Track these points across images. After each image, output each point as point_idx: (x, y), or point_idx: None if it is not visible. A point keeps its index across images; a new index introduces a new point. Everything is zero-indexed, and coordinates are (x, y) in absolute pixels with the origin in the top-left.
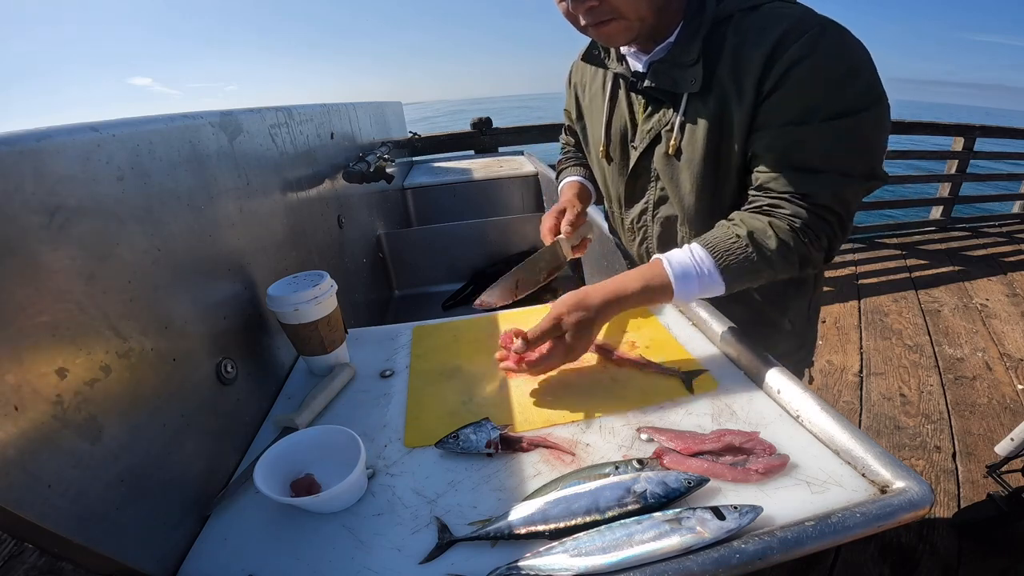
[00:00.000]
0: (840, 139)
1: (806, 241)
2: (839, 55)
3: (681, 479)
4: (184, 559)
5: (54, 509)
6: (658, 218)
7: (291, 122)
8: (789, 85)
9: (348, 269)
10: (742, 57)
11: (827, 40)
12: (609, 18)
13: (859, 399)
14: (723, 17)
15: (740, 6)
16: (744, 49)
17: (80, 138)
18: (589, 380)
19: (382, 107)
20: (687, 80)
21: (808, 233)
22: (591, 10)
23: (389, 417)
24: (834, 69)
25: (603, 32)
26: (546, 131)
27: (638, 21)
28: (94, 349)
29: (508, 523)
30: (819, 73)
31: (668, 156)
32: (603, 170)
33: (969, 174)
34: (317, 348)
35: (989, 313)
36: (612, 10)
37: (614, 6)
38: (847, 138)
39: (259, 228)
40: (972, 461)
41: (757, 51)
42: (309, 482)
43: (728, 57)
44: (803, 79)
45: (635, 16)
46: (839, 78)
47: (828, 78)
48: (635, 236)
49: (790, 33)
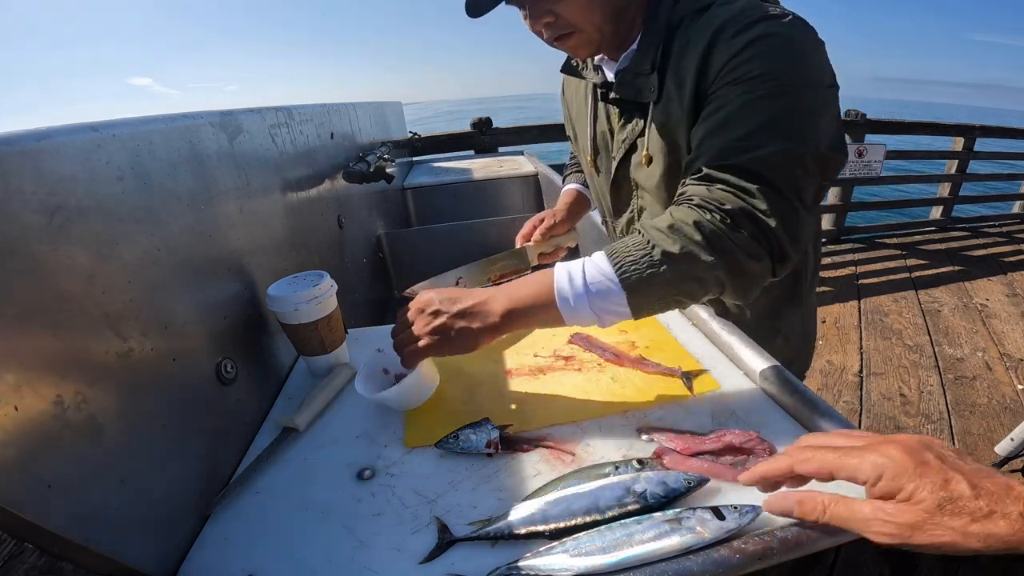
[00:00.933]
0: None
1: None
2: (776, 38)
3: (681, 479)
4: (184, 559)
5: (54, 509)
6: None
7: (291, 122)
8: (725, 74)
9: (348, 269)
10: (683, 59)
11: (764, 26)
12: (567, 32)
13: (859, 399)
14: (676, 22)
15: (690, 9)
16: (686, 50)
17: (80, 138)
18: (589, 380)
19: (382, 107)
20: (648, 88)
21: (721, 211)
22: (548, 25)
23: (389, 417)
24: (771, 52)
25: (565, 46)
26: (546, 131)
27: (596, 32)
28: (94, 349)
29: (508, 523)
30: (754, 57)
31: (641, 165)
32: (593, 179)
33: (969, 174)
34: (317, 348)
35: (989, 313)
36: (568, 24)
37: (569, 20)
38: (784, 106)
39: (259, 228)
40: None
41: (694, 50)
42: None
43: (673, 61)
44: (737, 64)
45: (591, 27)
46: (776, 59)
47: (765, 59)
48: None
49: (724, 27)
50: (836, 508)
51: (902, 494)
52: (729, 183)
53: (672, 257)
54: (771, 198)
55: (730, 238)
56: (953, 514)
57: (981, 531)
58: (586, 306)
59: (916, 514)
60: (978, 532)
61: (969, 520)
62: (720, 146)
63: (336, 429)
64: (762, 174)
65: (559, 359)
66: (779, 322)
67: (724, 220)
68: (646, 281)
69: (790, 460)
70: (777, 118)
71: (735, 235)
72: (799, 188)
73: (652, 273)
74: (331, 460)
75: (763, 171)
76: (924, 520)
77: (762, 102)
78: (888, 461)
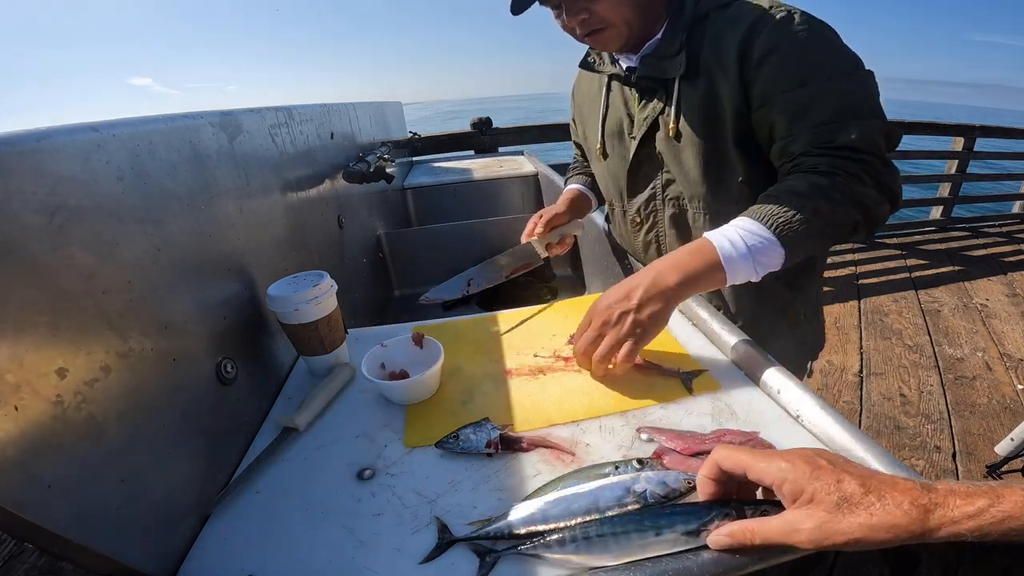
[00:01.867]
0: (843, 92)
1: (847, 179)
2: (810, 30)
3: (681, 479)
4: (184, 559)
5: (54, 509)
6: (669, 200)
7: (291, 122)
8: (774, 60)
9: (348, 269)
10: (721, 41)
11: (793, 21)
12: (600, 27)
13: (859, 399)
14: (701, 15)
15: (715, 5)
16: (722, 36)
17: (80, 138)
18: (589, 380)
19: (382, 107)
20: (673, 66)
21: (845, 172)
22: (583, 22)
23: (389, 417)
24: (810, 41)
25: (597, 40)
26: (546, 131)
27: (625, 26)
28: (94, 349)
29: (508, 523)
30: (798, 45)
31: (669, 139)
32: (602, 167)
33: (969, 174)
34: (317, 348)
35: (989, 313)
36: (601, 20)
37: (602, 16)
38: (849, 89)
39: (259, 228)
40: (972, 461)
41: (732, 35)
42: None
43: (708, 44)
44: (785, 53)
45: (621, 21)
46: (818, 47)
47: (808, 48)
48: (641, 225)
49: (760, 19)
50: (762, 528)
51: (803, 496)
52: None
53: (820, 212)
54: (873, 157)
55: (860, 191)
56: (851, 511)
57: (883, 523)
58: (750, 264)
59: (820, 515)
60: (881, 524)
61: (868, 515)
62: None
63: (336, 429)
64: (867, 150)
65: (559, 359)
66: (798, 291)
67: (851, 179)
68: (799, 233)
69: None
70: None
71: (864, 188)
72: (880, 146)
73: (805, 228)
74: (331, 460)
75: (869, 147)
76: (829, 520)
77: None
78: (790, 467)
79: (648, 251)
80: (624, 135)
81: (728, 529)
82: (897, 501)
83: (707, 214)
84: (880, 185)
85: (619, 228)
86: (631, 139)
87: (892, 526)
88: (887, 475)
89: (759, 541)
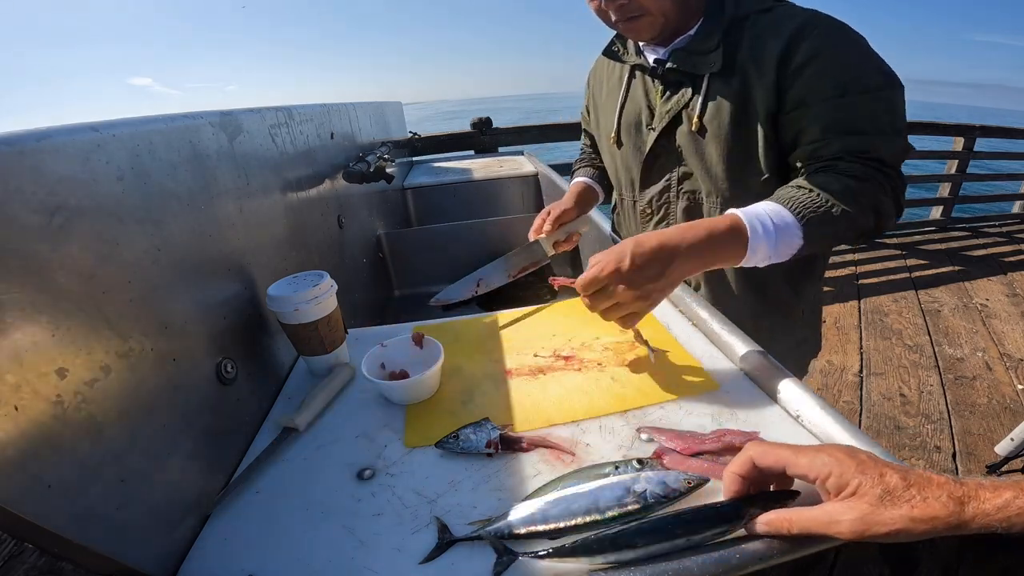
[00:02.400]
0: (878, 107)
1: (875, 188)
2: (851, 42)
3: (681, 479)
4: (184, 559)
5: (54, 509)
6: (684, 193)
7: (291, 122)
8: (815, 68)
9: (348, 269)
10: (762, 45)
11: (838, 32)
12: (638, 14)
13: (859, 399)
14: (741, 17)
15: (756, 8)
16: (763, 39)
17: (80, 138)
18: (589, 380)
19: (382, 107)
20: (708, 63)
21: (874, 181)
22: (621, 7)
23: (389, 417)
24: (851, 53)
25: (632, 27)
26: (546, 131)
27: (662, 16)
28: (94, 349)
29: (508, 523)
30: (840, 57)
31: (692, 133)
32: (614, 156)
33: (969, 174)
34: (317, 348)
35: (989, 313)
36: (640, 7)
37: (641, 3)
38: (884, 106)
39: (259, 228)
40: (972, 461)
41: (775, 40)
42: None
43: (747, 45)
44: (827, 63)
45: (659, 11)
46: (859, 60)
47: (850, 61)
48: (651, 217)
49: (804, 27)
50: (800, 517)
51: (848, 489)
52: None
53: (845, 212)
54: (898, 177)
55: (882, 202)
56: (893, 503)
57: (924, 515)
58: (772, 243)
59: (864, 507)
60: (922, 516)
61: (910, 507)
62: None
63: (336, 429)
64: (891, 164)
65: (559, 359)
66: (799, 290)
67: (878, 189)
68: (822, 227)
69: (750, 453)
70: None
71: (885, 200)
72: (899, 164)
73: (826, 220)
74: (331, 460)
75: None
76: (872, 512)
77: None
78: (834, 461)
79: None
80: (642, 126)
81: (766, 518)
82: (936, 494)
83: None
84: (896, 199)
85: (627, 220)
86: (649, 130)
87: (932, 518)
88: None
89: (796, 530)
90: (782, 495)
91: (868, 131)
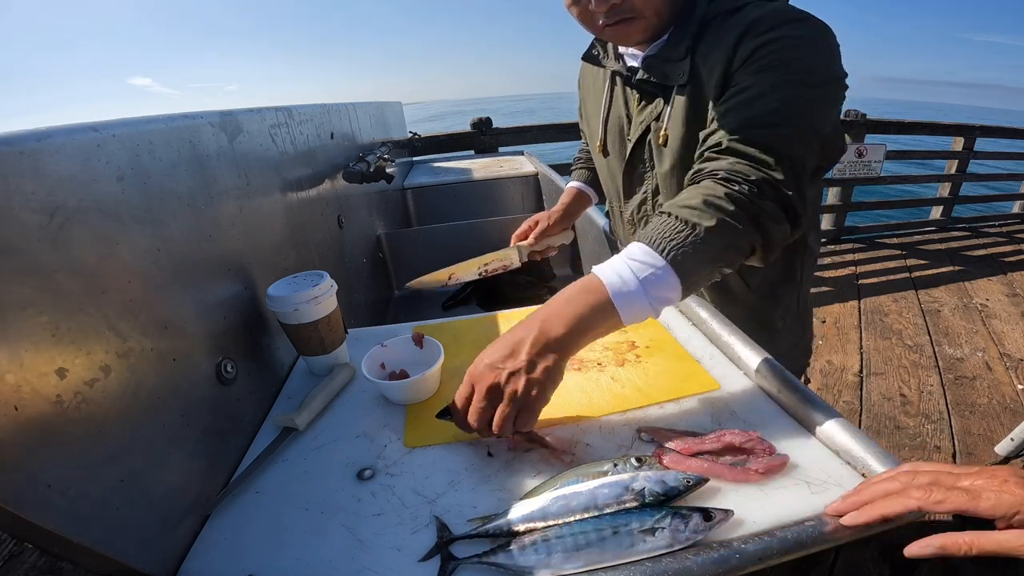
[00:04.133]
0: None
1: (749, 194)
2: (804, 34)
3: (680, 478)
4: (184, 559)
5: (54, 509)
6: (658, 207)
7: (291, 122)
8: (754, 61)
9: (348, 269)
10: (716, 48)
11: (794, 21)
12: (629, 16)
13: (859, 399)
14: (710, 18)
15: (724, 9)
16: (718, 45)
17: (80, 138)
18: (589, 380)
19: (382, 107)
20: (676, 73)
21: (748, 182)
22: (612, 8)
23: (389, 417)
24: (798, 44)
25: (620, 30)
26: (546, 131)
27: (655, 19)
28: (94, 349)
29: (507, 520)
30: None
31: (658, 146)
32: (602, 164)
33: (969, 174)
34: (317, 348)
35: (989, 313)
36: (631, 8)
37: (636, 5)
38: (794, 102)
39: (259, 228)
40: (972, 461)
41: (727, 41)
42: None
43: (705, 52)
44: (767, 54)
45: (653, 15)
46: (801, 52)
47: (790, 50)
48: (635, 227)
49: (756, 23)
50: (980, 543)
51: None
52: (750, 156)
53: (712, 231)
54: (787, 171)
55: (759, 206)
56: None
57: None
58: (643, 299)
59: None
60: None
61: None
62: (743, 122)
63: (336, 429)
64: (779, 150)
65: None
66: (778, 302)
67: (751, 190)
68: (692, 258)
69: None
70: (797, 103)
71: (762, 203)
72: (806, 164)
73: (696, 249)
74: (331, 460)
75: (780, 147)
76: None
77: (786, 88)
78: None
79: None
80: (624, 135)
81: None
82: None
83: None
84: (780, 199)
85: (618, 227)
86: (627, 140)
87: None
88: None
89: (975, 552)
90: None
91: (763, 124)
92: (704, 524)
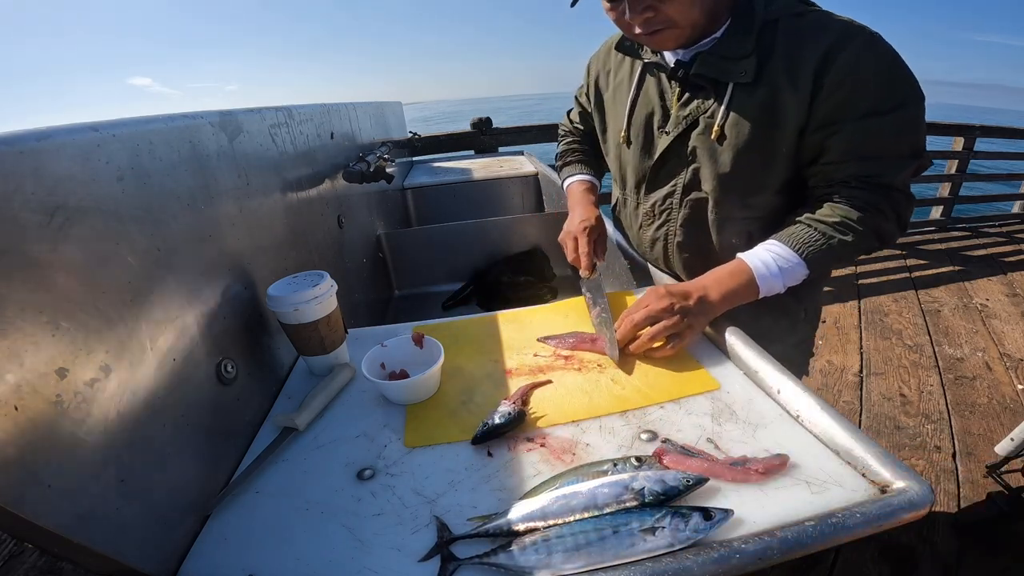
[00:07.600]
0: (901, 128)
1: (874, 215)
2: (888, 57)
3: (680, 478)
4: (184, 559)
5: (54, 509)
6: (688, 201)
7: (291, 122)
8: (848, 87)
9: (348, 269)
10: (798, 56)
11: (876, 45)
12: (663, 27)
13: (859, 399)
14: (771, 20)
15: (787, 12)
16: (799, 49)
17: (80, 138)
18: (589, 380)
19: (382, 107)
20: (738, 71)
21: (875, 208)
22: (647, 20)
23: (389, 417)
24: (888, 70)
25: (656, 39)
26: (546, 131)
27: (690, 27)
28: (94, 349)
29: (507, 520)
30: (874, 77)
31: (709, 140)
32: (621, 155)
33: (969, 174)
34: (317, 348)
35: (989, 313)
36: (666, 20)
37: (668, 16)
38: (906, 127)
39: (259, 228)
40: (972, 461)
41: (811, 52)
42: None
43: (781, 54)
44: (865, 79)
45: (688, 23)
46: (893, 77)
47: (886, 78)
48: (654, 219)
49: (841, 39)
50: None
51: None
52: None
53: (845, 244)
54: (903, 199)
55: (883, 226)
56: None
57: None
58: (780, 282)
59: None
60: None
61: None
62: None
63: (336, 429)
64: (902, 178)
65: (559, 359)
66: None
67: (878, 215)
68: (821, 258)
69: None
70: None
71: (886, 224)
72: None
73: (826, 253)
74: (331, 460)
75: (901, 186)
76: None
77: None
78: None
79: (654, 248)
80: (653, 128)
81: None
82: None
83: (727, 219)
84: (900, 219)
85: (627, 220)
86: (663, 133)
87: None
88: None
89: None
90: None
91: (884, 155)
92: (704, 523)
